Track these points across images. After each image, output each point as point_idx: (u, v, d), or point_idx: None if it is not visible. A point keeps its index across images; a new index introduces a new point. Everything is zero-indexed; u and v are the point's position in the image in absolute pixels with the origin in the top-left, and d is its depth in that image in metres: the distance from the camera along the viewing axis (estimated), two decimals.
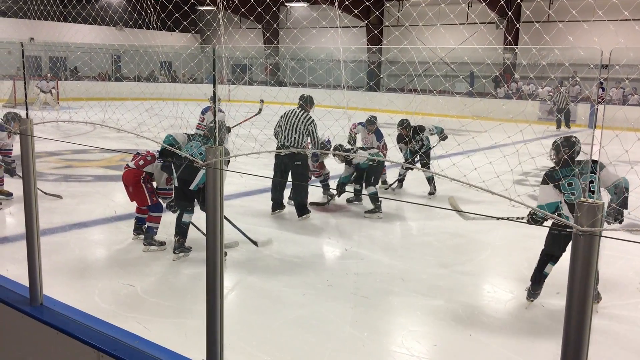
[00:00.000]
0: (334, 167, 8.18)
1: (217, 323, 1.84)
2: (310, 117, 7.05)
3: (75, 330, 2.15)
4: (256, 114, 8.33)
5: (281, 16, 27.81)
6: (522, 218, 4.61)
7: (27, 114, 2.32)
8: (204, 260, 2.79)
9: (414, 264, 5.66)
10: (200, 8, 24.41)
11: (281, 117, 7.15)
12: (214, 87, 1.76)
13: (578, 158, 4.62)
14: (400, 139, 8.52)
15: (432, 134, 8.49)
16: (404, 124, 8.36)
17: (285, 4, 25.68)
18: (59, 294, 2.60)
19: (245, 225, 6.02)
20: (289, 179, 7.18)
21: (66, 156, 11.07)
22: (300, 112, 7.06)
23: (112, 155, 11.27)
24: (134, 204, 6.07)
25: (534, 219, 4.48)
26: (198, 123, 9.80)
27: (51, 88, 21.30)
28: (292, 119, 7.02)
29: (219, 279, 1.83)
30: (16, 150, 6.21)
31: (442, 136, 8.36)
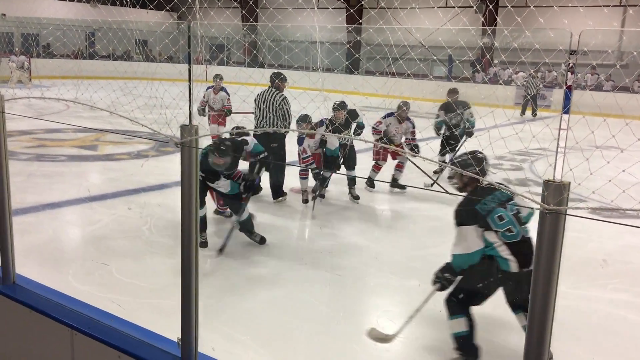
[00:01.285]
0: None
1: (192, 302, 1.85)
2: (283, 96, 6.97)
3: (48, 308, 2.14)
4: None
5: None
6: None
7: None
8: (179, 241, 2.79)
9: (390, 246, 5.72)
10: None
11: (255, 99, 7.08)
12: (189, 65, 1.74)
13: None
14: (446, 108, 8.48)
15: (470, 121, 8.41)
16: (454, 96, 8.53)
17: None
18: (32, 274, 2.58)
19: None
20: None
21: (39, 135, 10.87)
22: (273, 91, 6.98)
23: (86, 135, 11.11)
24: (108, 183, 6.01)
25: (446, 280, 3.44)
26: (202, 100, 9.78)
27: (23, 62, 20.77)
28: (266, 99, 6.96)
29: (193, 258, 1.84)
30: None
31: (469, 131, 8.32)
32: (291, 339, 3.77)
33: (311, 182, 7.07)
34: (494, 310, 3.80)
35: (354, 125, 7.16)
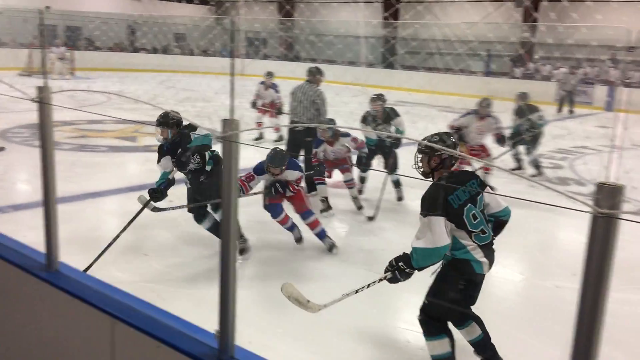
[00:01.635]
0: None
1: (229, 295, 1.85)
2: (319, 90, 6.92)
3: (90, 296, 2.18)
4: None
5: None
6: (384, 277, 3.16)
7: (45, 82, 2.33)
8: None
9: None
10: None
11: (291, 92, 7.10)
12: (232, 60, 1.74)
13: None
14: (519, 113, 8.40)
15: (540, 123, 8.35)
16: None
17: None
18: (74, 262, 2.64)
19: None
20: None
21: (81, 126, 11.13)
22: (307, 85, 6.96)
23: (126, 126, 11.32)
24: (147, 174, 6.11)
25: (401, 272, 3.05)
26: (255, 94, 10.26)
27: (64, 54, 21.26)
28: (300, 94, 6.93)
29: (231, 251, 1.84)
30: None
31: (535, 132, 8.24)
32: (326, 333, 3.77)
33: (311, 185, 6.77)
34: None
35: (392, 128, 6.87)
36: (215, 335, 1.87)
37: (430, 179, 3.19)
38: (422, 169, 3.22)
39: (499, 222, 3.21)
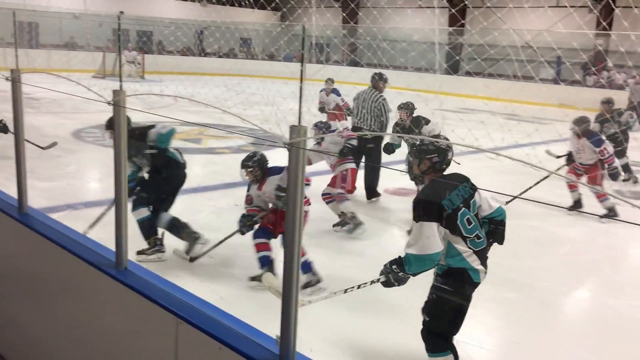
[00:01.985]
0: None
1: (292, 301, 1.86)
2: (382, 97, 6.87)
3: (157, 295, 2.23)
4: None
5: None
6: (378, 279, 3.01)
7: (120, 86, 2.41)
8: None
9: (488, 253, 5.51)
10: None
11: (354, 97, 7.12)
12: (302, 66, 1.75)
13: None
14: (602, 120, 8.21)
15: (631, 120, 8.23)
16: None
17: None
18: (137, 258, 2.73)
19: (315, 205, 6.05)
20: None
21: None
22: (370, 91, 6.94)
23: (192, 129, 11.61)
24: (210, 176, 6.22)
25: (396, 276, 2.90)
26: (320, 100, 10.74)
27: (134, 57, 22.11)
28: (365, 99, 6.92)
29: (296, 256, 1.84)
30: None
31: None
32: (386, 343, 3.73)
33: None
34: None
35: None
36: (277, 341, 1.87)
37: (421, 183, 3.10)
38: (413, 172, 3.15)
39: (494, 223, 3.07)
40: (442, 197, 2.83)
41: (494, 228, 3.07)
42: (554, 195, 6.87)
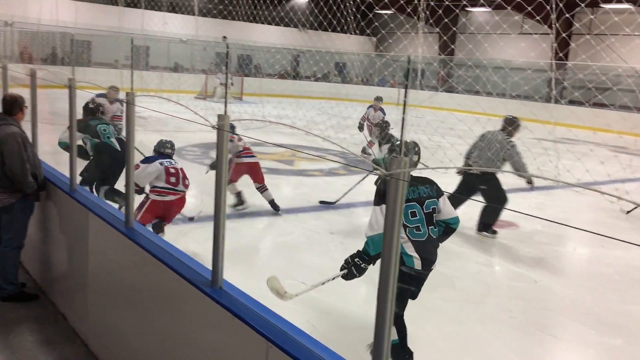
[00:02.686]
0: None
1: (385, 330, 1.82)
2: (513, 144, 6.45)
3: (249, 317, 2.26)
4: None
5: (464, 20, 27.13)
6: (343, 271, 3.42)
7: (225, 111, 2.50)
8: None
9: (589, 295, 5.17)
10: (379, 11, 24.73)
11: (480, 137, 6.69)
12: (405, 96, 1.73)
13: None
14: None
15: None
16: None
17: (467, 8, 25.01)
18: (229, 277, 2.78)
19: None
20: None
21: None
22: (501, 135, 6.51)
23: (284, 151, 11.87)
24: (300, 197, 6.29)
25: (357, 266, 3.33)
26: (363, 116, 12.03)
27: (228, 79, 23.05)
28: (491, 140, 6.51)
29: (391, 285, 1.80)
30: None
31: None
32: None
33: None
34: None
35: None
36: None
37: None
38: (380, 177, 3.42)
39: (447, 228, 3.57)
40: None
41: (446, 231, 3.60)
42: None
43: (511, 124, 6.54)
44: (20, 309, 4.28)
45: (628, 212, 7.65)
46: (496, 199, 6.52)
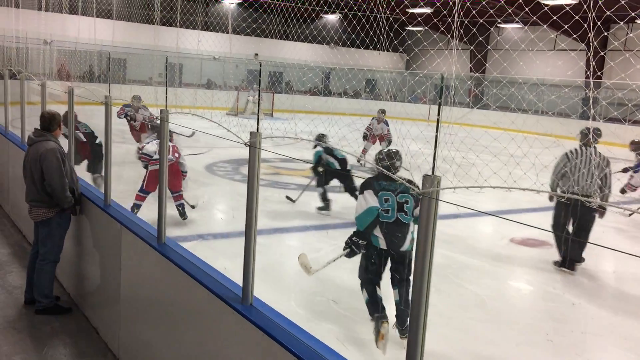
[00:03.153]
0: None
1: (418, 343, 1.79)
2: (606, 159, 5.87)
3: (279, 335, 2.25)
4: None
5: (498, 38, 26.96)
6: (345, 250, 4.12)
7: (257, 128, 2.51)
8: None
9: (629, 317, 5.01)
10: (411, 28, 24.73)
11: (572, 153, 5.98)
12: (439, 114, 1.71)
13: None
14: None
15: None
16: None
17: (500, 24, 24.84)
18: (259, 294, 2.78)
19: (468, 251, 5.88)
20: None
21: (275, 164, 11.96)
22: (589, 152, 5.90)
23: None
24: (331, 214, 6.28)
25: (355, 244, 4.02)
26: (368, 127, 12.62)
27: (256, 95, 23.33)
28: (581, 162, 5.82)
29: (424, 304, 1.78)
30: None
31: None
32: None
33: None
34: None
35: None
36: None
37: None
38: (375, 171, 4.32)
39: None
40: (378, 180, 4.07)
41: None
42: None
43: (594, 135, 5.83)
44: (54, 322, 4.35)
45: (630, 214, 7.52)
46: (585, 232, 5.93)
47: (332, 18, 30.67)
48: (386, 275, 4.13)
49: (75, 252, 4.74)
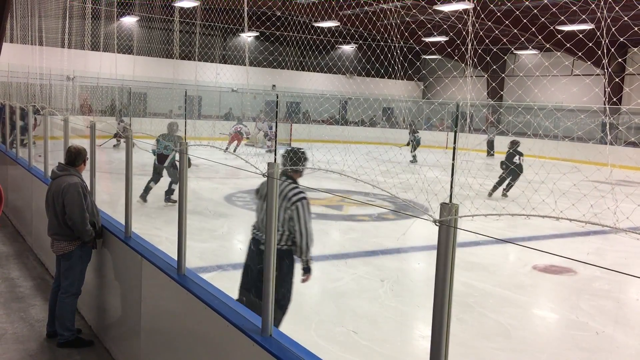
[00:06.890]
0: None
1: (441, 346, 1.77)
2: None
3: None
4: None
5: (512, 66, 27.01)
6: None
7: (275, 159, 2.55)
8: (417, 306, 2.72)
9: None
10: (425, 57, 24.92)
11: None
12: (455, 142, 1.73)
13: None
14: None
15: None
16: None
17: (515, 51, 24.90)
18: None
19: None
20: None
21: None
22: None
23: (333, 196, 11.90)
24: (349, 242, 6.25)
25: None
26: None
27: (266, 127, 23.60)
28: None
29: (445, 333, 1.76)
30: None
31: None
32: None
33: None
34: None
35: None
36: None
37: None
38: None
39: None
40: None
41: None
42: None
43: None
44: (76, 355, 4.36)
45: None
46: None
47: (348, 48, 31.05)
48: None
49: (96, 284, 4.78)
